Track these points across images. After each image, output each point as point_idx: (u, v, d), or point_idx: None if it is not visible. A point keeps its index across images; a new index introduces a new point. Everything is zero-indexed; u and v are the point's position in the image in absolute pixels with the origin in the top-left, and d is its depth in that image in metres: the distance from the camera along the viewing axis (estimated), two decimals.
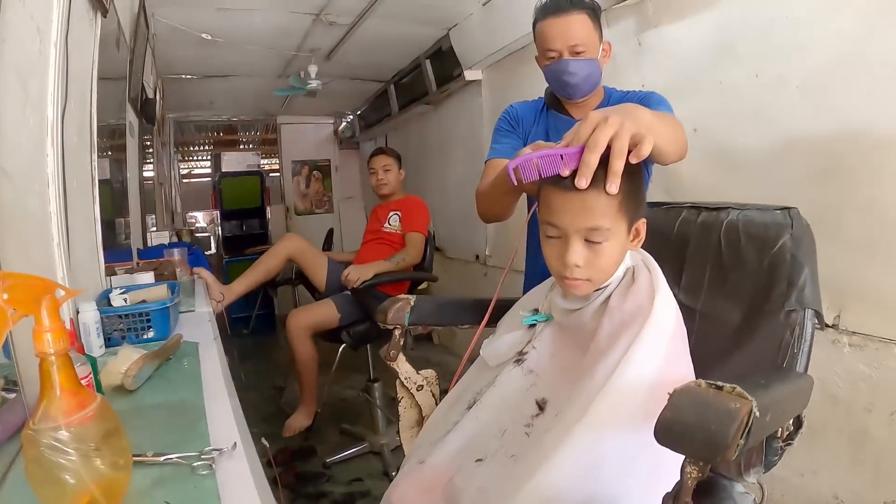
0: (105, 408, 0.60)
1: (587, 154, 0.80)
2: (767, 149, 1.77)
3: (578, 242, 0.88)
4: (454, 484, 0.90)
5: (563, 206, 0.87)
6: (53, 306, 0.57)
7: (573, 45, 1.38)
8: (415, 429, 1.26)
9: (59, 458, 0.55)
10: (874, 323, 1.48)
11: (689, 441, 0.55)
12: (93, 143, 1.35)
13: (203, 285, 2.14)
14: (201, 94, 4.80)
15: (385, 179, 2.91)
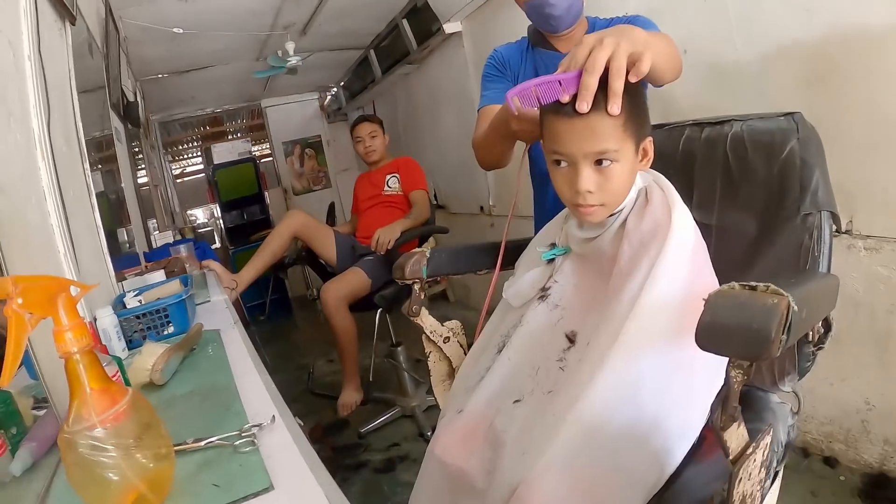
0: (138, 400, 0.60)
1: (586, 77, 0.79)
2: (759, 60, 1.74)
3: (587, 168, 0.87)
4: (495, 427, 0.91)
5: (568, 133, 0.86)
6: (70, 303, 0.56)
7: None
8: (447, 382, 1.27)
9: (99, 457, 0.54)
10: (887, 224, 1.47)
11: (732, 342, 0.55)
12: (83, 152, 1.33)
13: (214, 277, 2.14)
14: (182, 91, 4.74)
15: (373, 146, 2.90)
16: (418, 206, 2.76)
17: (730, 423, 0.59)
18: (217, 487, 0.60)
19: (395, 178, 2.88)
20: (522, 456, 0.83)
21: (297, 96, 6.13)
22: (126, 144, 2.62)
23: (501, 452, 0.87)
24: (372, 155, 2.91)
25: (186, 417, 0.81)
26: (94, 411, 0.55)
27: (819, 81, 1.54)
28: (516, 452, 0.85)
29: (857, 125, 1.45)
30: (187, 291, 1.29)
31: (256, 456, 0.65)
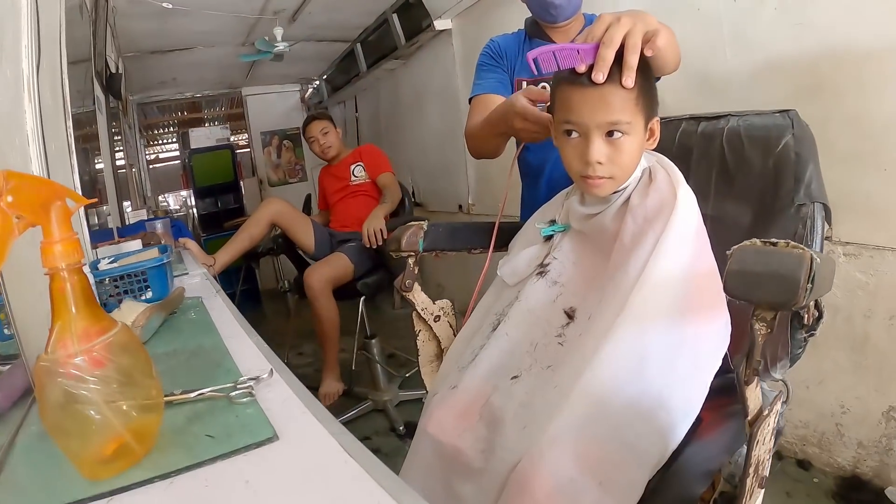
0: (129, 334, 0.55)
1: (603, 49, 0.82)
2: (749, 71, 1.77)
3: (599, 139, 0.88)
4: (492, 404, 0.90)
5: (582, 102, 0.87)
6: (65, 214, 0.50)
7: None
8: (435, 363, 1.25)
9: (80, 391, 0.48)
10: (866, 231, 1.51)
11: (762, 287, 0.57)
12: (66, 109, 1.29)
13: (190, 255, 2.09)
14: (164, 71, 4.64)
15: (328, 142, 2.89)
16: (390, 189, 2.74)
17: (752, 377, 0.60)
18: (212, 438, 0.57)
19: (359, 166, 2.87)
20: (523, 431, 0.82)
21: (278, 87, 6.06)
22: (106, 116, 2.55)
23: (499, 430, 0.86)
24: (329, 151, 2.90)
25: (171, 374, 0.76)
26: (79, 338, 0.50)
27: (807, 94, 1.58)
28: (516, 428, 0.83)
29: (842, 138, 1.49)
30: (167, 256, 1.25)
31: (255, 408, 0.62)
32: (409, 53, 4.03)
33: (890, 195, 1.46)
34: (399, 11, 3.81)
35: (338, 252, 2.59)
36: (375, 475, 0.47)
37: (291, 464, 0.51)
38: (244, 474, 0.50)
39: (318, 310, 2.50)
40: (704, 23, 1.88)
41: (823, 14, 1.54)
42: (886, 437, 1.52)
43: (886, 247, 1.49)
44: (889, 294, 1.49)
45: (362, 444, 0.53)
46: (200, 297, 1.18)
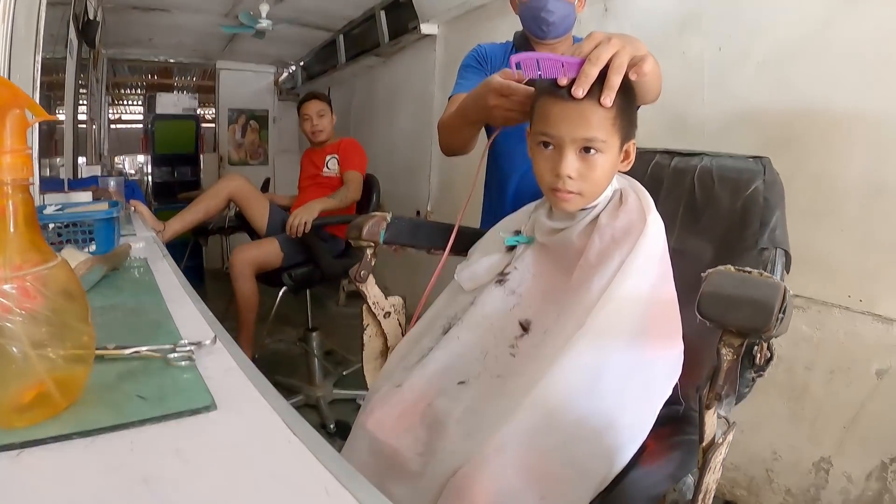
0: (68, 272, 0.50)
1: (587, 66, 0.82)
2: (724, 118, 1.82)
3: (573, 153, 0.88)
4: (435, 407, 0.88)
5: (560, 116, 0.87)
6: (20, 125, 0.46)
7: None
8: (379, 360, 1.22)
9: (4, 322, 0.44)
10: (817, 287, 1.55)
11: (735, 311, 0.57)
12: (38, 44, 1.22)
13: (139, 219, 2.00)
14: (142, 29, 4.49)
15: (320, 125, 2.81)
16: (348, 186, 2.66)
17: (714, 402, 0.60)
18: (143, 399, 0.53)
19: (334, 159, 2.79)
20: (466, 437, 0.80)
21: (253, 66, 5.95)
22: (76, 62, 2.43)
23: (441, 434, 0.83)
24: (319, 135, 2.81)
25: (106, 328, 0.70)
26: (12, 264, 0.45)
27: (777, 148, 1.62)
28: (459, 434, 0.81)
29: (805, 194, 1.53)
30: (117, 211, 1.18)
31: (194, 373, 0.58)
32: (390, 52, 4.01)
33: (844, 255, 1.51)
34: (388, 9, 3.80)
35: (270, 237, 2.52)
36: (322, 457, 0.44)
37: (228, 436, 0.48)
38: (175, 441, 0.46)
39: (237, 289, 2.43)
40: (688, 66, 1.93)
41: (804, 75, 1.60)
42: (815, 486, 1.56)
43: (834, 304, 1.53)
44: (831, 349, 1.54)
45: (309, 424, 0.49)
46: (146, 259, 1.12)
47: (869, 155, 1.46)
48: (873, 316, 1.46)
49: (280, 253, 2.47)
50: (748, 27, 1.75)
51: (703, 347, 0.88)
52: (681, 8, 1.97)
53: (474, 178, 1.23)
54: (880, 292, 1.45)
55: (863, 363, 1.47)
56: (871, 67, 1.46)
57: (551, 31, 1.42)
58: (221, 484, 0.41)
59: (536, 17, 1.41)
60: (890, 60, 1.43)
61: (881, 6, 1.45)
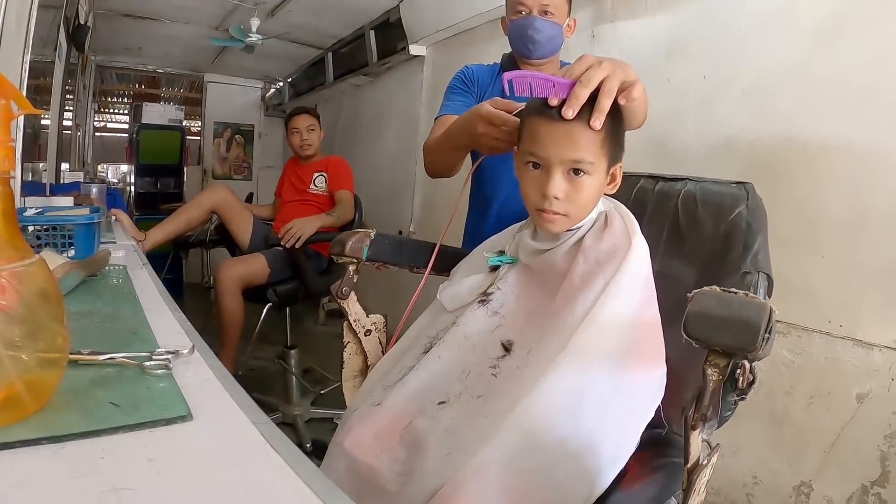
0: (45, 271, 0.48)
1: (578, 88, 0.83)
2: (707, 144, 1.85)
3: (560, 174, 0.88)
4: (415, 427, 0.86)
5: (549, 137, 0.87)
6: (5, 117, 0.45)
7: (545, 4, 1.41)
8: (359, 378, 1.20)
9: None
10: (798, 312, 1.57)
11: (722, 331, 0.57)
12: (28, 43, 1.20)
13: (120, 227, 1.97)
14: (131, 37, 4.48)
15: (309, 140, 2.83)
16: (343, 206, 2.68)
17: (700, 423, 0.59)
18: (116, 406, 0.51)
19: (322, 177, 2.81)
20: (446, 457, 0.79)
21: (241, 80, 5.95)
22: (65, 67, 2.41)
23: (420, 454, 0.82)
24: (307, 149, 2.83)
25: (82, 333, 0.69)
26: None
27: (759, 175, 1.63)
28: (439, 454, 0.80)
29: (786, 221, 1.55)
30: (98, 216, 1.17)
31: (170, 382, 0.56)
32: (378, 72, 4.03)
33: (824, 281, 1.53)
34: (377, 29, 3.82)
35: (259, 253, 2.50)
36: (302, 473, 0.43)
37: (204, 448, 0.46)
38: (148, 451, 0.44)
39: (223, 304, 2.39)
40: (672, 93, 1.96)
41: (787, 105, 1.63)
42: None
43: (815, 329, 1.55)
44: (812, 374, 1.55)
45: (288, 439, 0.48)
46: (125, 266, 1.10)
47: (849, 184, 1.49)
48: (853, 341, 1.47)
49: (267, 269, 2.45)
50: (733, 56, 1.79)
51: (686, 370, 0.88)
52: (667, 36, 2.01)
53: (457, 199, 1.24)
54: (860, 318, 1.47)
55: (843, 388, 1.48)
56: (853, 98, 1.49)
57: (537, 50, 1.44)
58: (196, 496, 0.40)
59: (524, 36, 1.43)
60: (871, 91, 1.46)
61: (862, 38, 1.49)
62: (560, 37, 1.47)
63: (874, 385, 1.43)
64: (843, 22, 1.53)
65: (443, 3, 3.06)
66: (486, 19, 2.83)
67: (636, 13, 2.12)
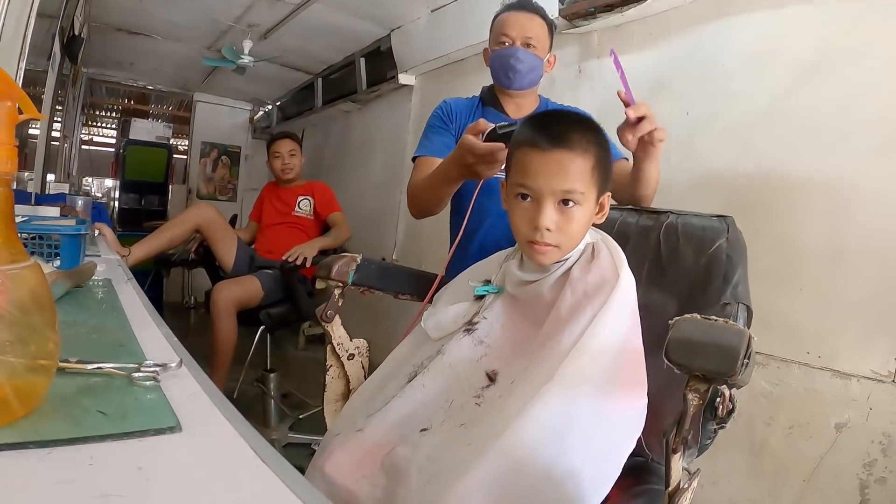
0: (40, 275, 0.48)
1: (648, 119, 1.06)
2: (689, 178, 1.89)
3: (551, 205, 0.89)
4: (397, 454, 0.86)
5: (540, 167, 0.89)
6: (10, 118, 0.45)
7: (528, 37, 1.46)
8: (340, 402, 1.20)
9: None
10: (777, 344, 1.60)
11: (702, 356, 0.58)
12: (24, 48, 1.21)
13: (104, 241, 1.96)
14: (124, 52, 4.49)
15: (291, 164, 2.87)
16: (340, 227, 2.76)
17: (680, 446, 0.60)
18: (104, 415, 0.51)
19: (307, 200, 2.85)
20: (427, 486, 0.78)
21: (230, 101, 5.96)
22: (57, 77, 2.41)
23: (401, 481, 0.82)
24: (289, 173, 2.87)
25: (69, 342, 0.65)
26: None
27: (739, 209, 1.66)
28: (420, 481, 0.80)
29: (765, 256, 1.59)
30: (85, 227, 1.16)
31: (158, 394, 0.56)
32: (367, 99, 4.08)
33: (802, 313, 1.57)
34: (368, 57, 3.87)
35: (252, 276, 2.51)
36: (294, 486, 0.42)
37: (194, 459, 0.46)
38: (137, 460, 0.44)
39: (218, 328, 2.37)
40: None
41: (767, 141, 1.68)
42: None
43: (793, 360, 1.58)
44: (791, 404, 1.57)
45: (279, 454, 0.48)
46: (110, 279, 1.10)
47: (827, 218, 1.54)
48: (832, 372, 1.50)
49: (261, 291, 2.45)
50: (715, 93, 1.85)
51: (666, 399, 0.89)
52: (652, 73, 2.07)
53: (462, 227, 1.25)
54: (838, 349, 1.50)
55: (822, 418, 1.51)
56: (830, 135, 1.55)
57: (517, 80, 1.48)
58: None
59: (506, 65, 1.47)
60: (848, 129, 1.52)
61: (839, 78, 1.55)
62: (540, 70, 1.51)
63: (852, 415, 1.46)
64: (821, 63, 1.59)
65: (433, 34, 3.13)
66: (476, 51, 2.90)
67: (622, 50, 2.19)
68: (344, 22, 3.35)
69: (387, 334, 3.59)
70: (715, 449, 1.59)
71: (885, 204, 1.45)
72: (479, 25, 2.76)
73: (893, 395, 1.40)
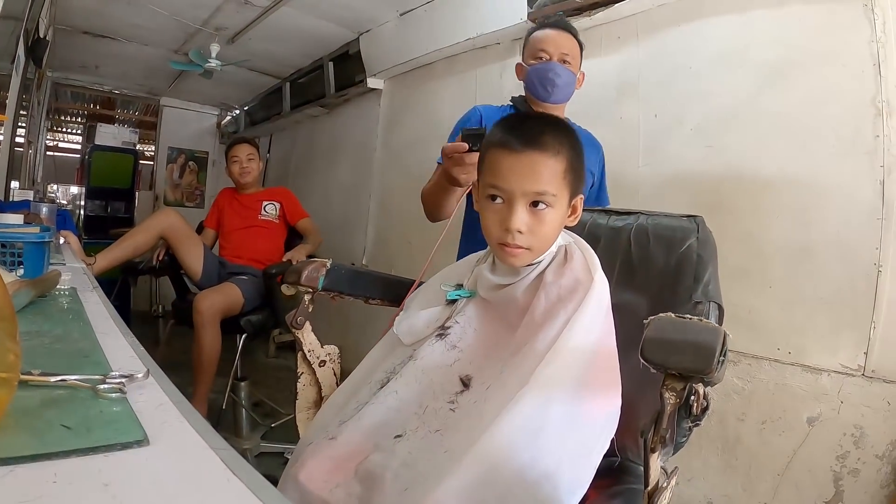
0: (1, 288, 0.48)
1: None
2: (657, 181, 1.92)
3: (523, 207, 0.89)
4: (371, 461, 0.85)
5: (511, 169, 0.88)
6: None
7: (564, 53, 1.52)
8: (312, 410, 1.18)
9: None
10: (747, 341, 1.63)
11: (678, 354, 0.58)
12: None
13: (69, 249, 1.91)
14: (89, 55, 4.37)
15: (249, 168, 2.85)
16: (313, 233, 2.76)
17: (658, 445, 0.61)
18: (68, 429, 0.49)
19: (273, 205, 2.84)
20: (404, 493, 0.77)
21: (197, 106, 5.87)
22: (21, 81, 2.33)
23: (376, 489, 0.80)
24: (246, 177, 2.84)
25: (31, 353, 0.66)
26: None
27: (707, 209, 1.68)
28: (396, 489, 0.79)
29: (733, 254, 1.62)
30: (49, 235, 1.13)
31: (124, 406, 0.55)
32: (335, 104, 4.06)
33: (771, 310, 1.60)
34: (336, 61, 3.85)
35: (230, 282, 2.46)
36: (265, 497, 0.42)
37: (163, 473, 0.45)
38: (103, 476, 0.43)
39: (203, 338, 2.31)
40: (624, 130, 2.04)
41: (734, 142, 1.72)
42: None
43: (763, 356, 1.61)
44: (762, 400, 1.60)
45: (250, 465, 0.47)
46: (75, 288, 1.07)
47: (794, 217, 1.58)
48: (802, 367, 1.54)
49: (241, 298, 2.42)
50: (682, 96, 1.89)
51: (638, 400, 0.90)
52: (619, 77, 2.10)
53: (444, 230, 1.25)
54: (807, 344, 1.54)
55: (793, 412, 1.54)
56: (797, 136, 1.59)
57: (554, 94, 1.52)
58: None
59: (543, 79, 1.50)
60: (814, 130, 1.56)
61: (806, 80, 1.59)
62: (573, 85, 1.55)
63: (824, 408, 1.49)
64: (788, 65, 1.64)
65: (401, 38, 3.13)
66: (444, 55, 2.92)
67: (590, 54, 2.20)
68: (312, 25, 3.32)
69: (358, 340, 3.59)
70: (689, 447, 1.62)
71: (850, 202, 1.49)
72: (448, 29, 2.79)
73: (863, 388, 1.44)
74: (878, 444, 1.41)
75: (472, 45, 2.74)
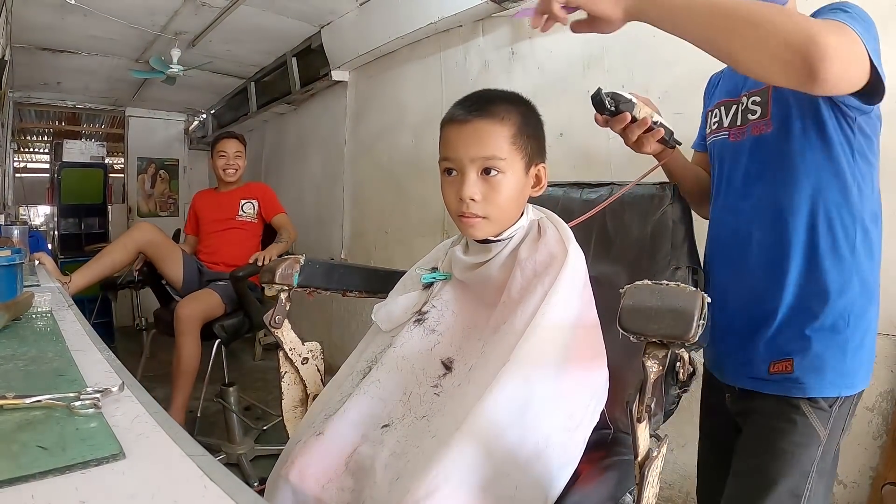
0: None
1: None
2: (628, 152, 1.91)
3: (473, 174, 0.89)
4: (360, 454, 0.85)
5: (457, 138, 0.89)
6: None
7: None
8: (299, 408, 1.17)
9: None
10: None
11: (656, 321, 0.58)
12: None
13: (44, 271, 1.88)
14: (50, 72, 4.29)
15: (235, 165, 2.78)
16: (288, 229, 2.67)
17: (644, 415, 0.61)
18: (44, 450, 0.49)
19: (250, 204, 2.76)
20: (396, 482, 0.77)
21: (163, 113, 5.78)
22: None
23: (368, 481, 0.80)
24: (231, 174, 2.76)
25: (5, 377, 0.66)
26: None
27: None
28: (387, 479, 0.79)
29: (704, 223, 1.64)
30: (21, 257, 1.10)
31: (100, 421, 0.54)
32: (301, 99, 4.03)
33: None
34: (299, 56, 3.81)
35: (209, 289, 2.43)
36: (243, 501, 0.41)
37: (139, 485, 0.44)
38: (80, 493, 0.43)
39: (183, 346, 2.27)
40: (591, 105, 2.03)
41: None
42: None
43: None
44: None
45: (227, 469, 0.46)
46: (51, 310, 1.05)
47: None
48: None
49: (222, 304, 2.38)
50: (649, 64, 1.88)
51: (626, 370, 0.90)
52: (584, 50, 2.10)
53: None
54: None
55: None
56: None
57: None
58: None
59: None
60: None
61: None
62: None
63: None
64: None
65: (363, 28, 3.10)
66: (407, 42, 2.89)
67: (555, 29, 2.21)
68: (272, 22, 3.27)
69: (342, 335, 3.59)
70: (680, 413, 1.63)
71: None
72: (409, 15, 2.77)
73: None
74: (868, 396, 1.43)
75: (435, 30, 2.71)
